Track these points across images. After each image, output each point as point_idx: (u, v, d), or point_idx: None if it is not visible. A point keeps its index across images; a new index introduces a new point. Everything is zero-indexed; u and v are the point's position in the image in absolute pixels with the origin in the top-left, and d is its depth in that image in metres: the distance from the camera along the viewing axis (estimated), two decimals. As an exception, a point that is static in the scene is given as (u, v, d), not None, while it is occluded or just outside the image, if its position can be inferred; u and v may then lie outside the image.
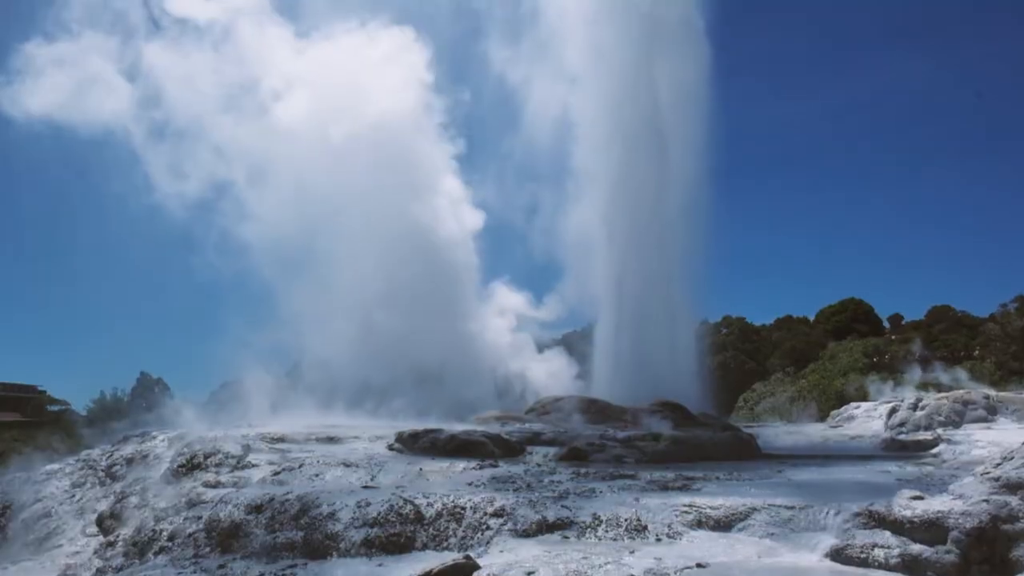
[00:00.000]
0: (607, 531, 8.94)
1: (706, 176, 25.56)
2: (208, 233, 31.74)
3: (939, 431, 19.21)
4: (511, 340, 29.23)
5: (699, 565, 7.61)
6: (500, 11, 31.34)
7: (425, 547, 9.25)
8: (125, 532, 12.30)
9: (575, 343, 28.93)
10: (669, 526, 8.89)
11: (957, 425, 20.41)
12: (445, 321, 26.93)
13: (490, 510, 9.55)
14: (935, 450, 16.28)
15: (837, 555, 7.85)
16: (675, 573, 7.41)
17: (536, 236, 30.05)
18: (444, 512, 9.61)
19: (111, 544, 12.32)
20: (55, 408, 46.50)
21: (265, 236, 28.35)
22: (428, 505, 9.74)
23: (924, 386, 29.30)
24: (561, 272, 28.62)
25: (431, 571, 7.88)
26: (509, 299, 30.25)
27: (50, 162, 43.34)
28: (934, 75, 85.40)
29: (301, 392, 23.52)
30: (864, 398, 28.19)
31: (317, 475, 12.42)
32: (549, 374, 26.90)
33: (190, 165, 31.30)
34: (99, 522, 13.72)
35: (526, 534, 9.12)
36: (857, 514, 8.21)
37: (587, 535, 8.95)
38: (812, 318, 52.63)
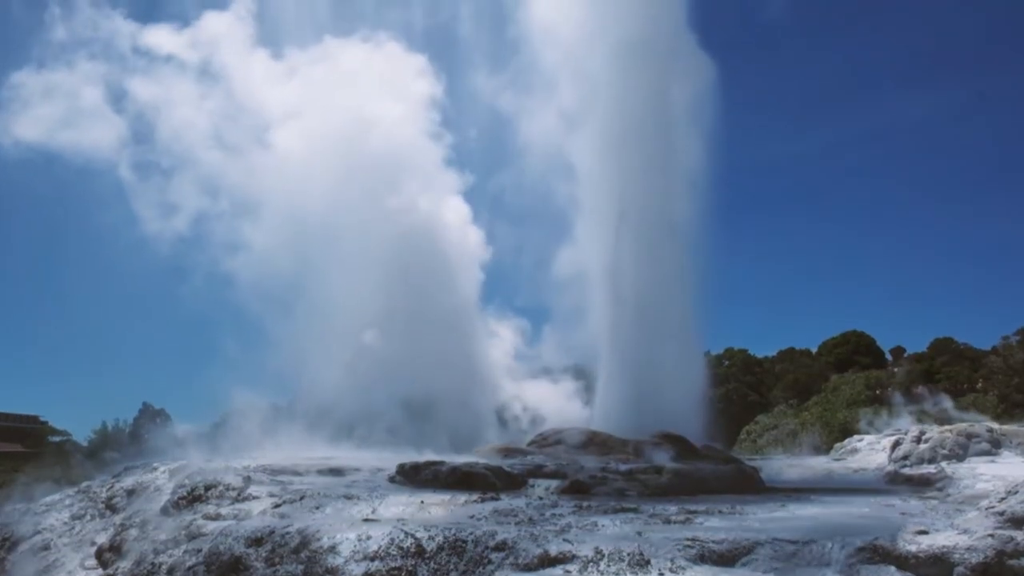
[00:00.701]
0: (609, 565, 8.88)
1: (708, 207, 25.68)
2: (205, 263, 31.86)
3: (943, 464, 19.07)
4: (513, 368, 29.05)
5: (702, 600, 7.56)
6: (488, 42, 31.67)
7: (426, 581, 9.18)
8: (124, 565, 12.23)
9: (579, 374, 28.75)
10: (672, 560, 8.82)
11: (961, 458, 20.25)
12: (446, 344, 26.63)
13: (492, 543, 9.49)
14: (939, 484, 16.18)
15: (841, 590, 7.79)
16: (678, 608, 7.36)
17: (535, 270, 29.91)
18: (446, 545, 9.55)
19: (110, 577, 12.24)
20: (56, 439, 46.27)
21: (262, 264, 28.37)
22: (429, 538, 9.68)
23: (919, 416, 29.13)
24: (560, 306, 28.38)
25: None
26: (508, 330, 30.05)
27: (42, 191, 43.81)
28: (936, 110, 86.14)
29: (301, 422, 23.42)
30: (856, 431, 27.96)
31: (318, 507, 12.35)
32: (553, 404, 26.66)
33: (184, 196, 31.60)
34: (98, 555, 13.62)
35: (528, 568, 9.06)
36: (861, 549, 8.16)
37: (589, 569, 8.88)
38: (814, 350, 52.51)
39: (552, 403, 26.69)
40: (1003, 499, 8.40)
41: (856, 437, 25.69)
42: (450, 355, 26.43)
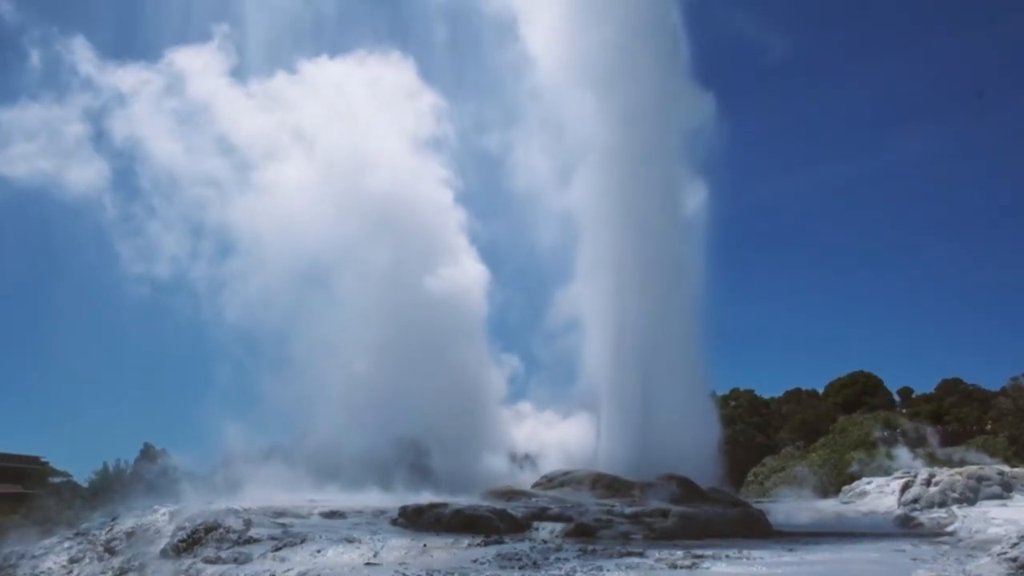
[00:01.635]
0: (615, 612, 8.72)
1: (710, 246, 25.73)
2: (199, 301, 31.27)
3: (954, 508, 18.84)
4: (520, 408, 28.47)
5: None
6: (481, 81, 31.49)
7: (428, 628, 9.02)
8: (121, 610, 12.05)
9: (580, 413, 28.36)
10: (678, 607, 8.66)
11: (972, 502, 19.99)
12: (449, 382, 25.98)
13: (495, 589, 9.34)
14: (950, 528, 15.95)
15: (852, 639, 7.61)
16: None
17: (530, 319, 29.22)
18: (448, 591, 9.40)
19: (107, 622, 12.04)
20: (57, 480, 45.84)
21: (258, 302, 28.05)
22: (431, 584, 9.54)
23: (916, 455, 28.86)
24: (556, 350, 27.66)
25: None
26: (512, 370, 29.30)
27: (27, 229, 43.77)
28: (943, 151, 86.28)
29: (302, 463, 23.17)
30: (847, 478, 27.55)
31: (319, 551, 12.20)
32: (557, 443, 26.19)
33: (173, 235, 31.58)
34: (95, 599, 13.44)
35: (531, 614, 8.89)
36: (871, 596, 8.00)
37: (594, 616, 8.72)
38: (821, 391, 52.10)
39: (556, 442, 26.23)
40: (1015, 544, 8.24)
41: (865, 479, 25.40)
42: (453, 393, 25.91)
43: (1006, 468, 22.76)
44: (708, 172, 25.95)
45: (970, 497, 20.44)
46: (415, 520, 14.73)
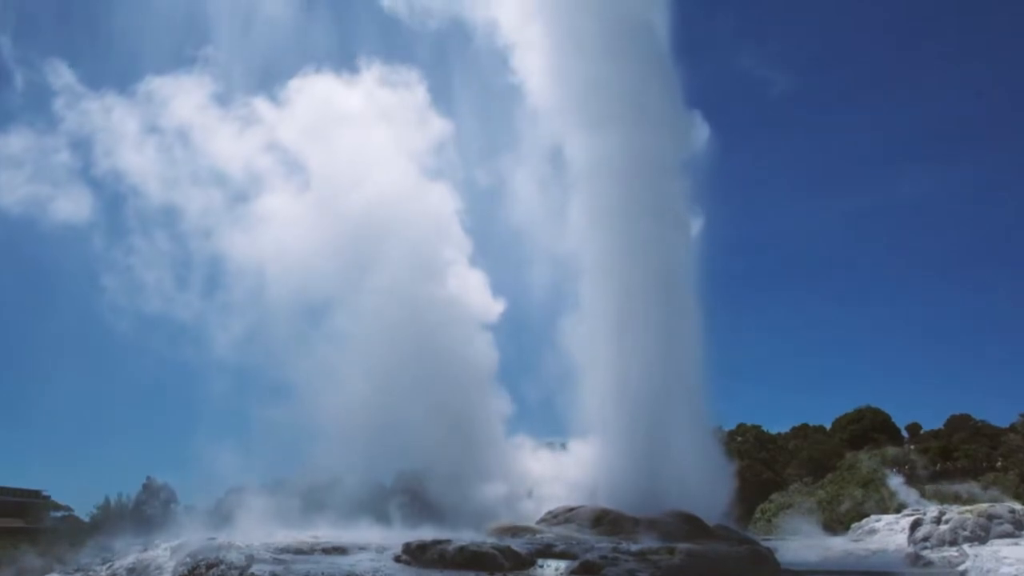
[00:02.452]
0: (620, 652, 8.57)
1: (717, 282, 25.74)
2: (203, 335, 30.91)
3: (965, 547, 18.59)
4: (518, 440, 28.15)
5: None
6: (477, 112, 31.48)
7: (430, 668, 8.88)
8: (120, 647, 11.90)
9: (585, 448, 28.07)
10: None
11: (983, 540, 19.72)
12: (452, 416, 25.51)
13: (499, 628, 9.20)
14: (961, 567, 15.74)
15: None
16: None
17: (540, 349, 28.85)
18: (451, 630, 9.27)
19: (105, 660, 11.89)
20: (58, 514, 45.53)
21: (266, 334, 27.92)
22: (434, 622, 9.40)
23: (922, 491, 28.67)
24: (563, 379, 27.27)
25: None
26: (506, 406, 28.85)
27: (20, 260, 43.65)
28: (950, 185, 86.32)
29: (304, 498, 22.97)
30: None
31: (321, 588, 12.06)
32: (560, 477, 25.83)
33: (170, 265, 31.62)
34: (94, 637, 13.28)
35: (536, 655, 8.75)
36: (882, 637, 7.87)
37: (600, 656, 8.57)
38: (828, 426, 51.68)
39: (555, 476, 25.89)
40: (1028, 584, 8.11)
41: (874, 517, 25.15)
42: (456, 427, 25.54)
43: (1017, 506, 22.48)
44: (707, 199, 26.15)
45: (981, 536, 20.17)
46: (419, 557, 14.58)
